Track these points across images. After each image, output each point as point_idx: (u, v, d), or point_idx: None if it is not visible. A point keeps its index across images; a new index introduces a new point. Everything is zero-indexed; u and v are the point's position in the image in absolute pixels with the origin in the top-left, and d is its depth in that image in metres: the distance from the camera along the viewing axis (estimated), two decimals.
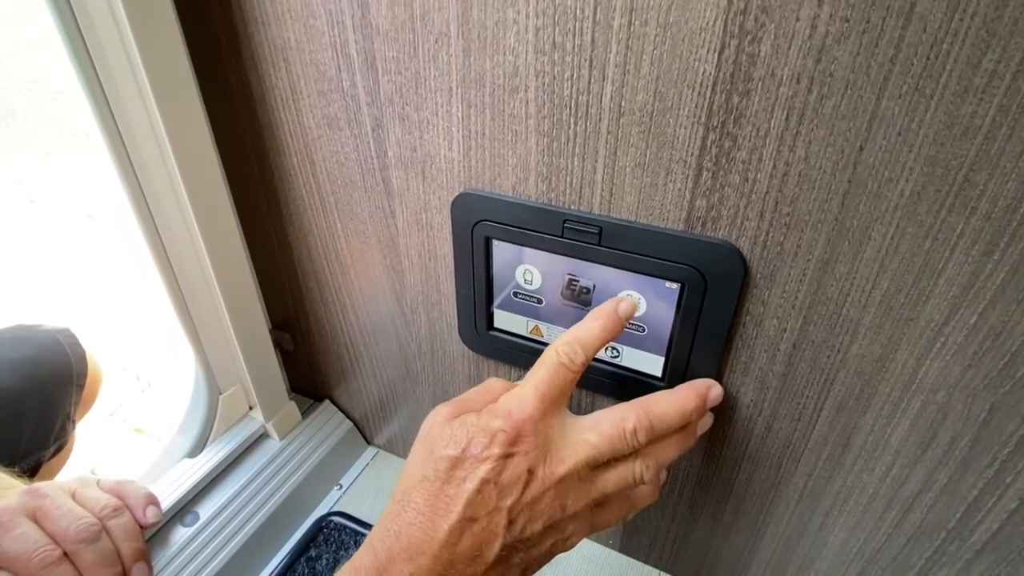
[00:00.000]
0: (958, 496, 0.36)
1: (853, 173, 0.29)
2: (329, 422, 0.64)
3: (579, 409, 0.47)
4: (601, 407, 0.46)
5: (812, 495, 0.42)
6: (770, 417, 0.39)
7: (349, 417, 0.66)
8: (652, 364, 0.40)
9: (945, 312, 0.31)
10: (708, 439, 0.43)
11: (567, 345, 0.33)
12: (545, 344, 0.44)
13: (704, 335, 0.37)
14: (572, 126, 0.34)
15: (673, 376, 0.40)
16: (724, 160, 0.31)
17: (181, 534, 0.50)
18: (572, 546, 0.33)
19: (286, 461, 0.58)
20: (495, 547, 0.29)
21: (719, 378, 0.39)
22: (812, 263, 0.32)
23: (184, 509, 0.52)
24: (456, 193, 0.40)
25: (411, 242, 0.46)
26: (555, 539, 0.31)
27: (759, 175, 0.31)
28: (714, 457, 0.44)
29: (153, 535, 0.49)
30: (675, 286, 0.36)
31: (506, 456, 0.29)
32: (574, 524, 0.32)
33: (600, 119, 0.33)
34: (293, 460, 0.59)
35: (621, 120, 0.33)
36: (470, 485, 0.29)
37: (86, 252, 1.86)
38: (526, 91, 0.34)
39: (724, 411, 0.41)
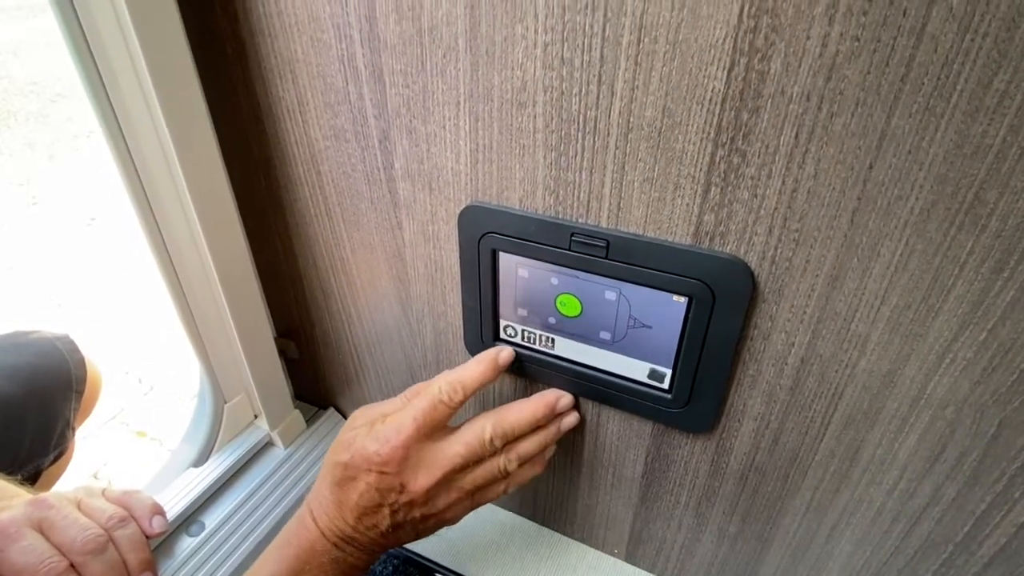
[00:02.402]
0: (966, 510, 0.36)
1: (863, 190, 0.29)
2: (334, 430, 0.64)
3: (588, 421, 0.47)
4: (609, 419, 0.46)
5: (819, 508, 0.42)
6: (777, 430, 0.39)
7: None
8: (660, 377, 0.40)
9: (955, 328, 0.31)
10: (715, 450, 0.43)
11: (449, 385, 0.39)
12: (552, 356, 0.44)
13: (712, 348, 0.37)
14: (580, 140, 0.34)
15: (680, 389, 0.40)
16: (733, 176, 0.31)
17: (187, 544, 0.50)
18: (457, 520, 0.41)
19: (291, 469, 0.58)
20: (385, 525, 0.38)
21: (727, 391, 0.39)
22: (821, 278, 0.32)
23: (190, 519, 0.52)
24: (463, 205, 0.40)
25: (417, 253, 0.46)
26: (436, 520, 0.40)
27: (768, 191, 0.31)
28: (720, 468, 0.44)
29: (159, 545, 0.49)
30: (683, 300, 0.36)
31: (380, 473, 0.37)
32: (452, 510, 0.40)
33: (608, 134, 0.33)
34: (298, 468, 0.59)
35: (629, 135, 0.33)
36: (360, 485, 0.38)
37: (87, 255, 1.86)
38: (534, 106, 0.34)
39: (731, 423, 0.41)
